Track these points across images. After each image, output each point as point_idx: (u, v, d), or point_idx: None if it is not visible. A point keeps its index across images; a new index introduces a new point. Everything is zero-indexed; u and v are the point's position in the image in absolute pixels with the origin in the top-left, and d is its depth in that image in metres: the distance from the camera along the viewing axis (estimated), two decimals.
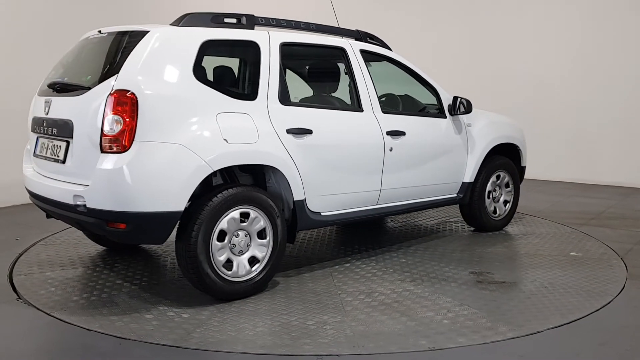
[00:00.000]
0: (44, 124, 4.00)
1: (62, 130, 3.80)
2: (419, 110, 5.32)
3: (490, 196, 5.72)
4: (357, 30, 4.94)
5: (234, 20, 4.13)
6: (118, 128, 3.48)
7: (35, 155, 4.21)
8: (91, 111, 3.58)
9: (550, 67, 9.15)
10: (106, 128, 3.49)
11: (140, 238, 3.76)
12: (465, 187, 5.46)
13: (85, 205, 3.57)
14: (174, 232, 3.73)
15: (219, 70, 4.21)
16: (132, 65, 3.59)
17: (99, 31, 4.09)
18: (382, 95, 5.13)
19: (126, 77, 3.54)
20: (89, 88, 3.69)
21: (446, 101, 5.27)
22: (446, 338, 3.34)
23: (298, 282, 4.28)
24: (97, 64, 3.90)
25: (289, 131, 4.08)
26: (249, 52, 4.10)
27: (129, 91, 3.49)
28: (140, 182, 3.49)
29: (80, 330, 3.46)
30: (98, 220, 3.58)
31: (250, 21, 4.19)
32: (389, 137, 4.67)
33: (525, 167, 6.11)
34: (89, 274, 4.45)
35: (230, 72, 4.23)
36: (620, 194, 8.10)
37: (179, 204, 3.57)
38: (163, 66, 3.68)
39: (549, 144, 9.09)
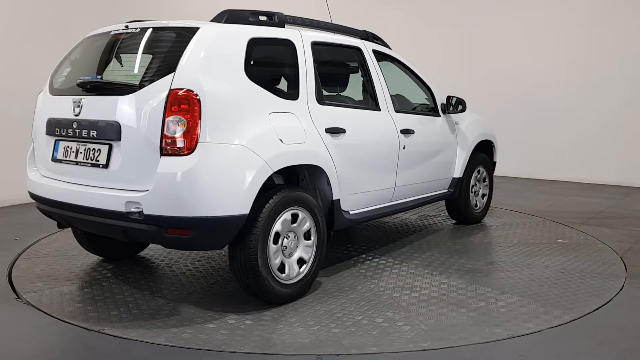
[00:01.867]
0: (74, 126, 3.67)
1: (105, 132, 3.51)
2: (412, 109, 5.48)
3: (473, 190, 6.01)
4: (365, 30, 5.00)
5: (264, 18, 4.05)
6: (180, 129, 3.30)
7: (55, 159, 3.85)
8: (146, 112, 3.36)
9: (549, 67, 9.19)
10: (167, 130, 3.30)
11: (201, 244, 3.57)
12: (455, 182, 5.70)
13: (141, 212, 3.34)
14: None
15: (262, 69, 4.09)
16: (190, 62, 3.41)
17: (126, 26, 3.82)
18: None
19: (185, 76, 3.36)
20: (139, 87, 3.44)
21: (439, 100, 5.47)
22: (515, 325, 3.49)
23: (333, 282, 4.26)
24: (139, 62, 3.64)
25: (327, 130, 4.06)
26: (288, 51, 4.03)
27: (190, 90, 3.32)
28: (207, 185, 3.33)
29: (80, 330, 3.40)
30: (156, 227, 3.37)
31: (281, 19, 4.13)
32: (402, 135, 4.79)
33: (496, 162, 6.47)
34: (105, 287, 4.14)
35: (271, 71, 4.13)
36: (620, 193, 8.11)
37: (245, 206, 3.44)
38: (218, 64, 3.53)
39: (549, 143, 9.21)
